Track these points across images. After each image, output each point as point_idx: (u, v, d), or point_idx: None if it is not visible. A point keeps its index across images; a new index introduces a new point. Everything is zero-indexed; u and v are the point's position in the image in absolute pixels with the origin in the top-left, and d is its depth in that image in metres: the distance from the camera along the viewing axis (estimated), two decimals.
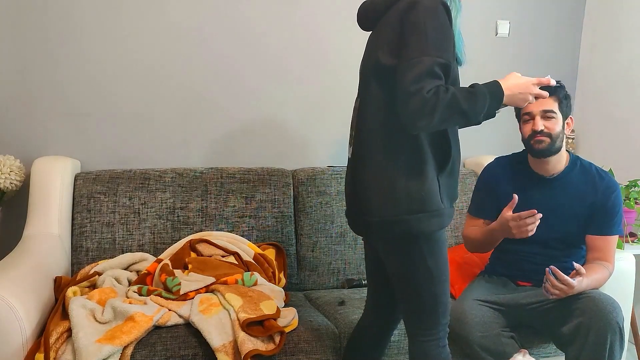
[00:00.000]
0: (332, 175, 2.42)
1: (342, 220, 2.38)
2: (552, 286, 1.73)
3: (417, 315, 1.51)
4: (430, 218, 1.42)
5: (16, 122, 2.25)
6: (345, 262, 2.37)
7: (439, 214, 1.43)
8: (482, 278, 2.07)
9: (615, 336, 1.71)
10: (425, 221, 1.41)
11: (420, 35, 1.33)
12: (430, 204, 1.41)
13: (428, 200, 1.41)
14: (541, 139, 1.88)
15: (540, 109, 1.88)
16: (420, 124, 1.31)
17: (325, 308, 2.07)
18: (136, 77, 2.35)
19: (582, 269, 1.73)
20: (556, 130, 1.88)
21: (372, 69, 1.46)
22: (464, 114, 1.34)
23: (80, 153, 2.33)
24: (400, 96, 1.32)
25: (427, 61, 1.31)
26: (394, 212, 1.41)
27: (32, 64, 2.24)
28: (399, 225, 1.42)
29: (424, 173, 1.41)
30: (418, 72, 1.30)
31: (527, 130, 1.92)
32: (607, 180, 1.94)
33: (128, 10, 2.31)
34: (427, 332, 1.51)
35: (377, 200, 1.44)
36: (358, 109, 1.53)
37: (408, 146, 1.41)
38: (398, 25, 1.38)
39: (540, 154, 1.91)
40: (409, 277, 1.47)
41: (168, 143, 2.43)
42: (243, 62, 2.47)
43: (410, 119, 1.31)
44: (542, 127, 1.87)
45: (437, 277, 1.47)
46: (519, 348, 1.81)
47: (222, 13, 2.42)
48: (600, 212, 1.91)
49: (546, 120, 1.88)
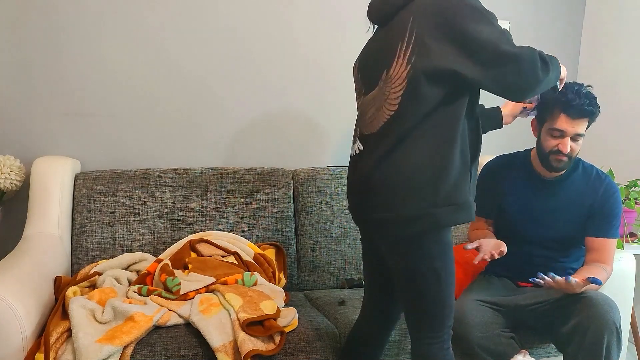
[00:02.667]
0: (332, 175, 2.42)
1: (342, 220, 2.38)
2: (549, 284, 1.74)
3: (421, 317, 1.49)
4: (457, 211, 1.40)
5: (16, 122, 2.25)
6: (345, 262, 2.37)
7: (467, 206, 1.42)
8: (482, 279, 2.07)
9: (612, 336, 1.71)
10: (453, 214, 1.40)
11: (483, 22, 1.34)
12: (459, 197, 1.40)
13: (456, 193, 1.39)
14: (562, 159, 1.86)
15: (575, 131, 1.82)
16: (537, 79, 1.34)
17: (325, 308, 2.07)
18: (136, 77, 2.35)
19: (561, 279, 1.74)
20: (577, 151, 1.87)
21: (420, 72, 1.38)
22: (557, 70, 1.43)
23: (80, 153, 2.33)
24: (510, 63, 1.31)
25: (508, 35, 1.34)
26: (421, 205, 1.38)
27: (32, 64, 2.24)
28: (424, 220, 1.39)
29: (452, 165, 1.39)
30: (510, 42, 1.33)
31: (551, 144, 1.86)
32: (606, 183, 1.94)
33: (128, 10, 2.31)
34: (431, 334, 1.49)
35: (399, 195, 1.40)
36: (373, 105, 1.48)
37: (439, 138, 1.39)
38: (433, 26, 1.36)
39: (556, 170, 1.90)
40: (416, 278, 1.45)
41: (168, 143, 2.43)
42: (243, 63, 2.47)
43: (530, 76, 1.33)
44: (569, 150, 1.84)
45: (445, 279, 1.45)
46: (519, 348, 1.81)
47: (222, 13, 2.42)
48: (599, 214, 1.91)
49: (574, 142, 1.85)
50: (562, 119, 1.81)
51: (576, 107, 1.78)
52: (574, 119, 1.80)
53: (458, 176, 1.40)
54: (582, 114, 1.80)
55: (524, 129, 2.75)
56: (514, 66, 1.31)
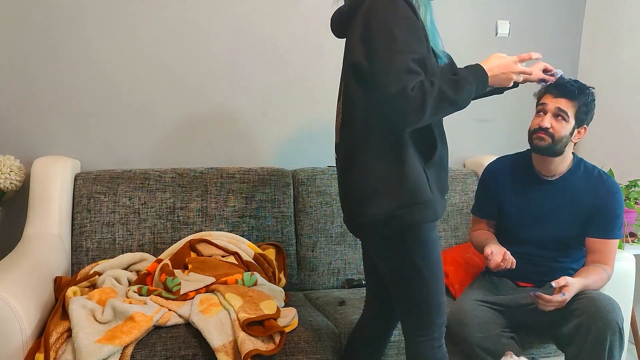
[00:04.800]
0: (332, 175, 2.42)
1: (342, 220, 2.37)
2: (544, 304, 1.74)
3: (410, 315, 1.51)
4: (422, 209, 1.41)
5: (16, 122, 2.25)
6: (345, 262, 2.37)
7: (432, 205, 1.42)
8: (482, 278, 2.07)
9: (615, 336, 1.71)
10: (418, 213, 1.40)
11: (387, 34, 1.31)
12: (421, 196, 1.40)
13: (417, 192, 1.40)
14: (543, 136, 1.87)
15: (555, 105, 1.85)
16: (412, 121, 1.31)
17: (325, 308, 2.07)
18: (136, 77, 2.35)
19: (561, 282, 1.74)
20: (561, 133, 1.86)
21: (349, 71, 1.45)
22: (454, 103, 1.34)
23: (80, 153, 2.32)
24: (385, 100, 1.31)
25: (400, 59, 1.28)
26: (386, 208, 1.40)
27: (32, 64, 2.24)
28: (392, 222, 1.40)
29: (408, 166, 1.39)
30: (395, 72, 1.28)
31: (534, 123, 1.91)
32: (608, 184, 1.93)
33: (128, 10, 2.31)
34: (421, 332, 1.50)
35: (366, 201, 1.42)
36: (341, 112, 1.52)
37: (389, 143, 1.40)
38: (362, 27, 1.38)
39: (537, 150, 1.91)
40: (399, 277, 1.48)
41: (168, 143, 2.43)
42: (244, 63, 2.47)
43: (400, 120, 1.31)
44: (548, 125, 1.85)
45: (429, 277, 1.45)
46: (519, 348, 1.81)
47: (223, 12, 2.42)
48: (600, 214, 1.91)
49: (556, 119, 1.86)
50: (545, 96, 1.89)
51: (559, 85, 1.83)
52: (556, 97, 1.85)
53: (418, 176, 1.40)
54: (564, 93, 1.84)
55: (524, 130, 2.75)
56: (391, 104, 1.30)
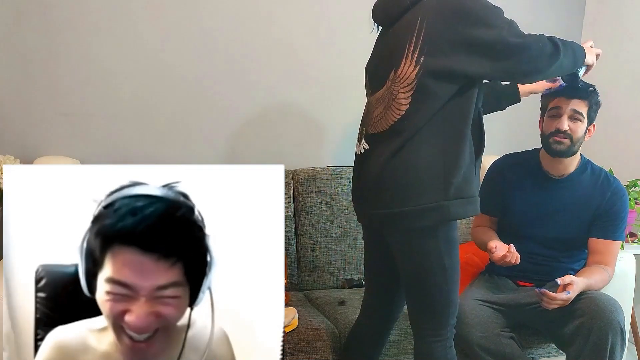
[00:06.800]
0: (332, 175, 2.42)
1: (342, 220, 2.37)
2: (548, 302, 1.74)
3: (426, 315, 1.50)
4: (466, 204, 1.43)
5: (16, 122, 2.25)
6: (345, 262, 2.37)
7: (474, 201, 1.45)
8: (482, 278, 2.06)
9: (617, 336, 1.71)
10: (462, 207, 1.42)
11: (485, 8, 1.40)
12: (467, 190, 1.43)
13: (464, 186, 1.42)
14: (562, 140, 1.85)
15: (570, 107, 1.84)
16: (546, 65, 1.42)
17: (325, 308, 2.06)
18: (136, 76, 2.35)
19: (567, 279, 1.74)
20: (578, 134, 1.86)
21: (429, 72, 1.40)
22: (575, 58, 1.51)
23: (80, 153, 2.32)
24: (518, 50, 1.38)
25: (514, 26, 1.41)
26: (432, 198, 1.40)
27: (32, 64, 2.24)
28: (433, 213, 1.40)
29: (463, 159, 1.42)
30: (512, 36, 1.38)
31: (549, 126, 1.88)
32: (614, 186, 1.93)
33: (128, 10, 2.31)
34: (435, 332, 1.50)
35: (412, 189, 1.41)
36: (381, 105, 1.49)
37: (451, 134, 1.42)
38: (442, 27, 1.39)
39: (557, 154, 1.89)
40: (424, 274, 1.47)
41: (168, 143, 2.42)
42: (244, 62, 2.46)
43: (535, 63, 1.40)
44: (566, 127, 1.84)
45: (451, 276, 1.47)
46: (519, 348, 1.81)
47: (223, 11, 2.41)
48: (604, 216, 1.91)
49: (572, 121, 1.85)
50: (558, 99, 1.87)
51: (570, 87, 1.83)
52: (569, 99, 1.84)
53: (467, 170, 1.43)
54: (577, 93, 1.84)
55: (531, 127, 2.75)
56: (523, 55, 1.38)
